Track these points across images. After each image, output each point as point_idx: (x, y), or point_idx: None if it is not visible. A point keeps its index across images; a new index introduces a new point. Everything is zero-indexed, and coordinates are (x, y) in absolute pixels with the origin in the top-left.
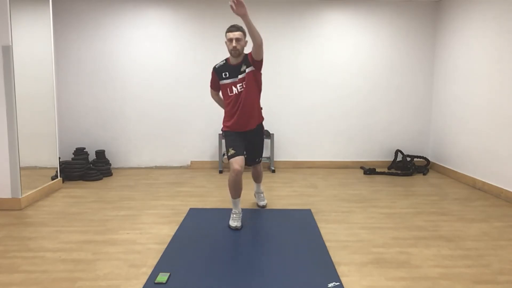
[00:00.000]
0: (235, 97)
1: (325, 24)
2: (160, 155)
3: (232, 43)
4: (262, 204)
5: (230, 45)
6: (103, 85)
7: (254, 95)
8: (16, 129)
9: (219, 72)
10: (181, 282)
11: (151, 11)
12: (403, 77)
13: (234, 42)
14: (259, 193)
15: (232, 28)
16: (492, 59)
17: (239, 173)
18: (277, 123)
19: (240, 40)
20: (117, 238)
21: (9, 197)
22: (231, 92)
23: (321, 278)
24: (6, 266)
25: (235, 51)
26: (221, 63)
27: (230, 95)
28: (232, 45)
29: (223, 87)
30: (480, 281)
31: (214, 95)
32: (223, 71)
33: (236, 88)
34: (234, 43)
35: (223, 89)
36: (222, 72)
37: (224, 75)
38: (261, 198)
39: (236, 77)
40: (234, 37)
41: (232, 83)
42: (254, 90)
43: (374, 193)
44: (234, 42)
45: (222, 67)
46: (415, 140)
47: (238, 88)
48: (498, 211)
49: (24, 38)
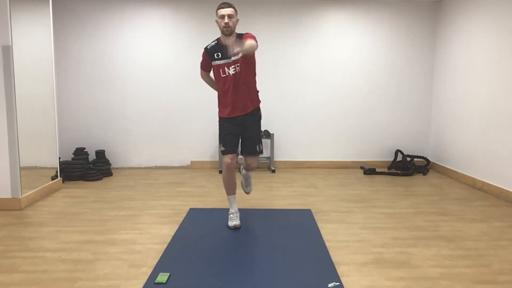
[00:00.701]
0: (228, 79)
1: (325, 24)
2: (160, 155)
3: (224, 19)
4: (248, 190)
5: (222, 22)
6: (103, 85)
7: (250, 77)
8: (16, 129)
9: (211, 53)
10: (181, 282)
11: (151, 11)
12: (403, 77)
13: (226, 18)
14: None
15: (223, 5)
16: (492, 59)
17: (230, 166)
18: (277, 123)
19: (232, 17)
20: (117, 238)
21: (9, 197)
22: (224, 74)
23: (321, 278)
24: (6, 266)
25: (227, 28)
26: (212, 43)
27: (222, 76)
28: (224, 22)
29: (215, 68)
30: (480, 281)
31: (204, 76)
32: (215, 51)
33: (229, 70)
34: (226, 19)
35: (215, 70)
36: (214, 53)
37: (216, 55)
38: (248, 182)
39: (229, 58)
40: (226, 13)
41: (225, 64)
42: (250, 71)
43: (374, 193)
44: (226, 18)
45: (214, 48)
46: (415, 140)
47: (231, 69)
48: (498, 211)
49: (24, 38)
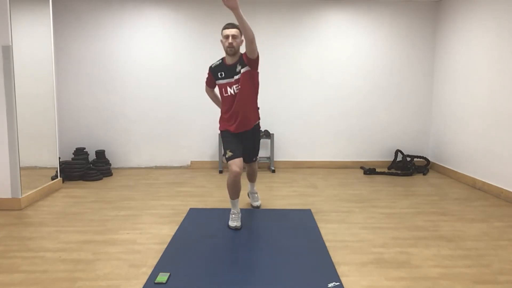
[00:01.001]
0: (230, 98)
1: (325, 24)
2: (160, 155)
3: (228, 39)
4: (256, 205)
5: (226, 42)
6: (103, 85)
7: (250, 96)
8: (16, 129)
9: (215, 72)
10: (181, 282)
11: (151, 11)
12: (403, 77)
13: (231, 38)
14: (253, 194)
15: (228, 25)
16: (492, 59)
17: (237, 175)
18: (277, 123)
19: (236, 38)
20: (117, 238)
21: (9, 197)
22: (226, 93)
23: (321, 278)
24: (6, 266)
25: (231, 48)
26: (217, 63)
27: (225, 96)
28: (228, 42)
29: (219, 87)
30: (480, 281)
31: (209, 91)
32: (219, 71)
33: (231, 89)
34: (230, 39)
35: (219, 89)
36: (218, 72)
37: (220, 75)
38: (255, 198)
39: (232, 77)
40: (231, 34)
41: (227, 83)
42: (249, 91)
43: (374, 193)
44: (230, 39)
45: (218, 67)
46: (415, 140)
47: (234, 89)
48: (498, 211)
49: (24, 38)
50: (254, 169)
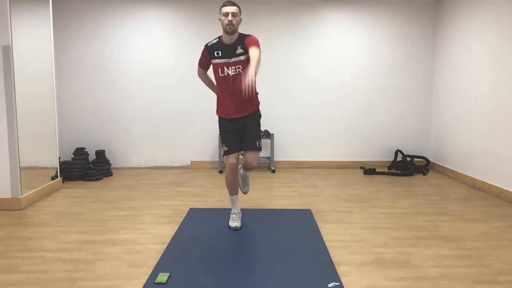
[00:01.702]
0: (227, 79)
1: (325, 24)
2: (160, 155)
3: (228, 17)
4: (246, 190)
5: (226, 19)
6: (103, 85)
7: None
8: (16, 129)
9: (211, 51)
10: (181, 282)
11: (151, 11)
12: (403, 77)
13: (230, 16)
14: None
15: (227, 3)
16: (492, 59)
17: (234, 167)
18: (277, 123)
19: (236, 16)
20: (117, 238)
21: (9, 197)
22: (222, 73)
23: (321, 278)
24: (6, 266)
25: (230, 26)
26: (213, 41)
27: (220, 76)
28: (227, 19)
29: (214, 67)
30: (480, 281)
31: (201, 73)
32: (215, 49)
33: (228, 70)
34: (230, 17)
35: (214, 68)
36: (215, 51)
37: (217, 53)
38: (246, 183)
39: (230, 58)
40: (231, 11)
41: (224, 63)
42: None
43: (374, 193)
44: (230, 16)
45: (214, 46)
46: (415, 140)
47: (231, 70)
48: (498, 211)
49: (24, 38)
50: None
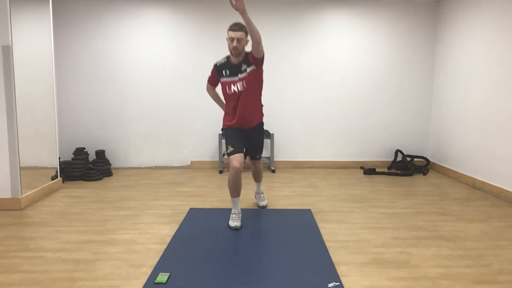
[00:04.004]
0: (234, 96)
1: (325, 23)
2: (160, 155)
3: (233, 43)
4: (262, 205)
5: (231, 45)
6: (103, 85)
7: (255, 94)
8: (16, 129)
9: (219, 70)
10: (181, 282)
11: (151, 11)
12: (403, 77)
13: (235, 42)
14: (259, 193)
15: (234, 27)
16: (492, 59)
17: (238, 171)
18: (277, 123)
19: (242, 41)
20: (117, 238)
21: (9, 197)
22: (229, 91)
23: (321, 278)
24: (6, 266)
25: (235, 51)
26: (222, 61)
27: (228, 93)
28: (232, 45)
29: (222, 85)
30: (480, 281)
31: (210, 89)
32: (223, 68)
33: (235, 87)
34: (235, 43)
35: (222, 86)
36: (223, 70)
37: (225, 72)
38: (261, 198)
39: (236, 75)
40: (236, 37)
41: (231, 81)
42: (255, 89)
43: (374, 193)
44: (235, 42)
45: (223, 65)
46: (415, 140)
47: (237, 87)
48: (498, 211)
49: (24, 38)
50: (258, 168)
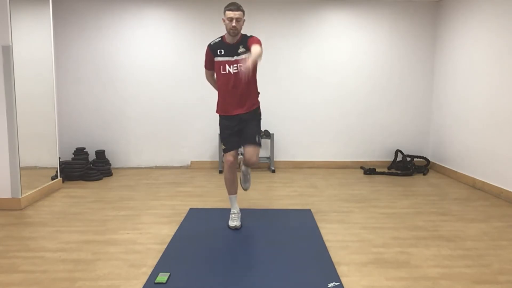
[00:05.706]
0: (228, 76)
1: (325, 23)
2: (160, 155)
3: (232, 22)
4: (246, 187)
5: (230, 24)
6: (103, 85)
7: (251, 78)
8: (16, 129)
9: (214, 49)
10: (181, 282)
11: (151, 11)
12: (403, 77)
13: (234, 22)
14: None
15: (232, 7)
16: (492, 59)
17: (231, 164)
18: (277, 123)
19: (240, 20)
20: (117, 238)
21: (9, 197)
22: (224, 70)
23: (321, 278)
24: (6, 266)
25: (234, 30)
26: (216, 40)
27: (222, 73)
28: (231, 25)
29: (216, 65)
30: (480, 281)
31: (208, 75)
32: (218, 48)
33: (230, 68)
34: (234, 22)
35: (216, 66)
36: (217, 49)
37: (219, 52)
38: (247, 179)
39: (232, 56)
40: (235, 17)
41: (226, 61)
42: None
43: (374, 193)
44: (234, 22)
45: (217, 44)
46: (415, 140)
47: (232, 68)
48: (498, 211)
49: (24, 38)
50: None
